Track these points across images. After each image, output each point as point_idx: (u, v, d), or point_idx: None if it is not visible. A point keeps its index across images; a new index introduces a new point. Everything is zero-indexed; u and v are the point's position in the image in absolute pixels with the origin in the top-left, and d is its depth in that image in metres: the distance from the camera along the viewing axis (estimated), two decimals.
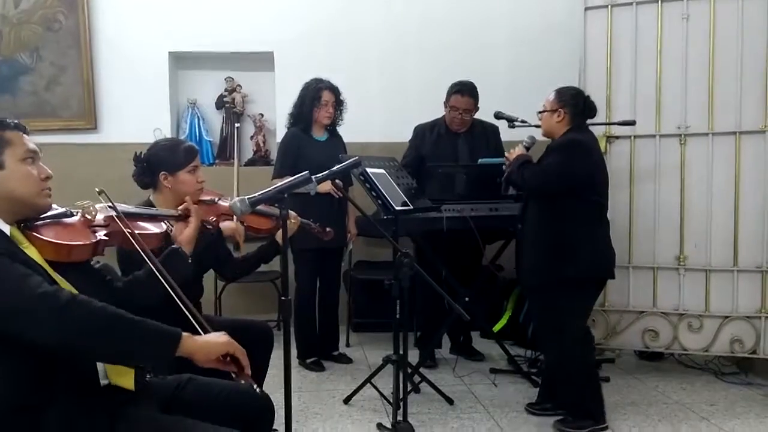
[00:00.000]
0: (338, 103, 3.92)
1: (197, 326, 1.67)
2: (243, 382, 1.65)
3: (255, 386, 1.66)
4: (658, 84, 3.71)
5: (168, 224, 2.14)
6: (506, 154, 3.19)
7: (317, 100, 3.83)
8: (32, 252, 1.62)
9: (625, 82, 3.77)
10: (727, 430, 3.07)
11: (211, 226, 2.47)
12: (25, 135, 1.67)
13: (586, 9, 3.80)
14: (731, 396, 3.53)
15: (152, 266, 1.79)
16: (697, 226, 3.69)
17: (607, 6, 3.76)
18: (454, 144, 4.02)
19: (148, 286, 1.88)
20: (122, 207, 1.94)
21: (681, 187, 3.70)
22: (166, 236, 2.09)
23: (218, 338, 1.62)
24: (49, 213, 1.73)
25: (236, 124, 4.78)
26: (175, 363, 1.60)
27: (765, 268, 3.57)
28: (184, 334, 1.56)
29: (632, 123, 3.63)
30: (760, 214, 3.56)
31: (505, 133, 3.96)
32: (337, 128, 3.99)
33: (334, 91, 3.89)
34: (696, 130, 3.66)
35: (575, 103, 3.09)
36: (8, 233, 1.60)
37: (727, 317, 3.65)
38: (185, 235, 2.21)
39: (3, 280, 1.46)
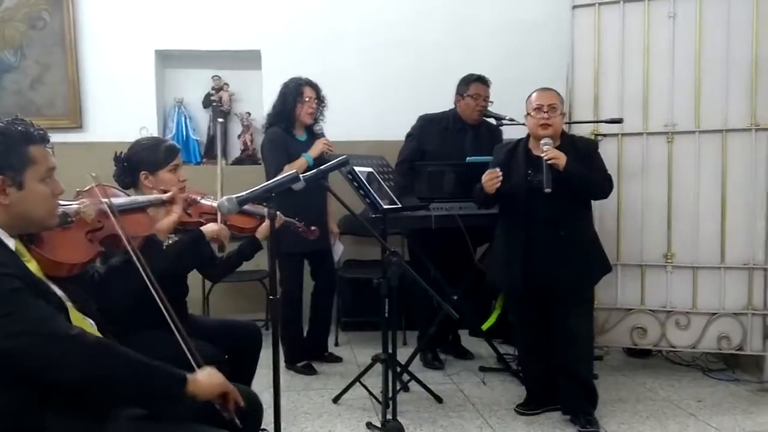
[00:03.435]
0: (319, 100, 3.87)
1: (168, 317, 1.73)
2: (226, 414, 1.67)
3: (237, 421, 1.69)
4: (645, 82, 3.72)
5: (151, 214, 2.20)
6: (546, 155, 2.94)
7: (299, 96, 3.77)
8: (32, 266, 1.61)
9: (612, 81, 3.78)
10: (714, 426, 3.09)
11: (193, 225, 2.48)
12: (48, 148, 1.63)
13: (574, 7, 3.81)
14: (718, 392, 3.55)
15: (139, 265, 1.78)
16: (684, 224, 3.70)
17: (594, 4, 3.76)
18: (461, 139, 3.98)
19: (125, 278, 1.89)
20: (113, 200, 1.93)
21: (668, 185, 3.72)
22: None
23: (216, 378, 1.65)
24: None
25: (219, 119, 4.71)
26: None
27: (752, 265, 3.59)
28: (189, 376, 1.59)
29: (619, 121, 3.64)
30: (747, 212, 3.58)
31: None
32: (322, 127, 3.93)
33: (315, 87, 3.85)
34: (683, 128, 3.67)
35: None
36: (13, 247, 1.57)
37: (714, 314, 3.67)
38: (164, 223, 2.25)
39: (30, 319, 1.44)
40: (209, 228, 2.50)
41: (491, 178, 3.02)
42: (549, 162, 2.93)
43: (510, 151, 3.19)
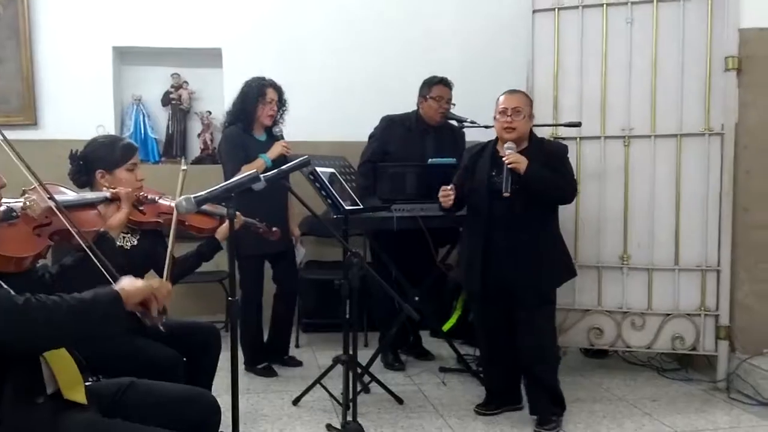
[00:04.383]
0: (281, 103, 3.83)
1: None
2: (148, 321, 1.67)
3: (161, 327, 1.71)
4: (603, 86, 3.78)
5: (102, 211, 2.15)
6: (506, 159, 2.96)
7: (262, 97, 3.72)
8: None
9: (571, 84, 3.83)
10: (668, 425, 3.15)
11: (150, 225, 2.44)
12: None
13: (534, 11, 3.85)
14: (672, 392, 3.63)
15: (94, 258, 1.74)
16: (640, 226, 3.77)
17: (554, 9, 3.81)
18: (423, 141, 3.99)
19: (78, 274, 1.85)
20: (59, 197, 1.89)
21: (625, 188, 3.78)
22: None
23: (138, 281, 1.64)
24: None
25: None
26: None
27: (705, 266, 3.67)
28: (118, 288, 1.59)
29: (578, 124, 3.69)
30: (701, 215, 3.66)
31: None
32: (281, 129, 3.89)
33: (278, 89, 3.81)
34: (639, 132, 3.74)
35: None
36: None
37: (668, 315, 3.75)
38: (115, 219, 2.21)
39: None
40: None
41: (443, 196, 3.10)
42: (510, 166, 2.95)
43: (478, 152, 3.21)
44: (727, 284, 3.63)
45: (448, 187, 3.11)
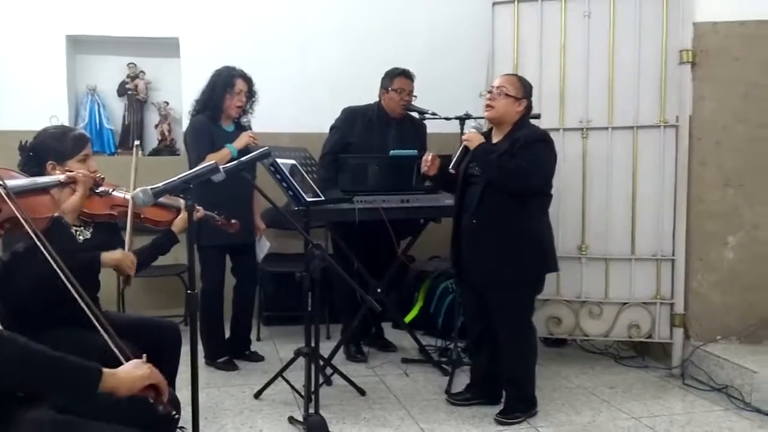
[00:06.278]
0: (250, 94, 3.79)
1: (81, 302, 1.63)
2: (161, 408, 1.59)
3: (174, 413, 1.63)
4: (561, 79, 3.83)
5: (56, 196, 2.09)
6: (464, 136, 3.03)
7: (230, 87, 3.67)
8: None
9: (531, 77, 3.80)
10: (625, 411, 3.22)
11: (104, 218, 2.39)
12: None
13: (494, 4, 3.88)
14: (629, 379, 3.70)
15: (41, 247, 1.68)
16: (597, 217, 3.84)
17: (513, 2, 3.84)
18: (385, 133, 3.98)
19: (28, 262, 1.78)
20: (10, 182, 1.83)
21: (583, 180, 3.84)
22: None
23: (138, 370, 1.54)
24: None
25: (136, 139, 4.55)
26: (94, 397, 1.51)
27: (660, 256, 3.75)
28: (105, 370, 1.48)
29: (537, 116, 3.70)
30: (656, 205, 3.74)
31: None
32: (250, 120, 3.85)
33: (248, 80, 3.76)
34: (597, 124, 3.80)
35: (531, 98, 3.13)
36: None
37: (625, 303, 3.82)
38: (70, 203, 2.15)
39: None
40: (109, 256, 2.37)
41: (424, 162, 3.17)
42: (464, 143, 2.99)
43: None
44: (682, 273, 3.72)
45: (429, 156, 3.16)
